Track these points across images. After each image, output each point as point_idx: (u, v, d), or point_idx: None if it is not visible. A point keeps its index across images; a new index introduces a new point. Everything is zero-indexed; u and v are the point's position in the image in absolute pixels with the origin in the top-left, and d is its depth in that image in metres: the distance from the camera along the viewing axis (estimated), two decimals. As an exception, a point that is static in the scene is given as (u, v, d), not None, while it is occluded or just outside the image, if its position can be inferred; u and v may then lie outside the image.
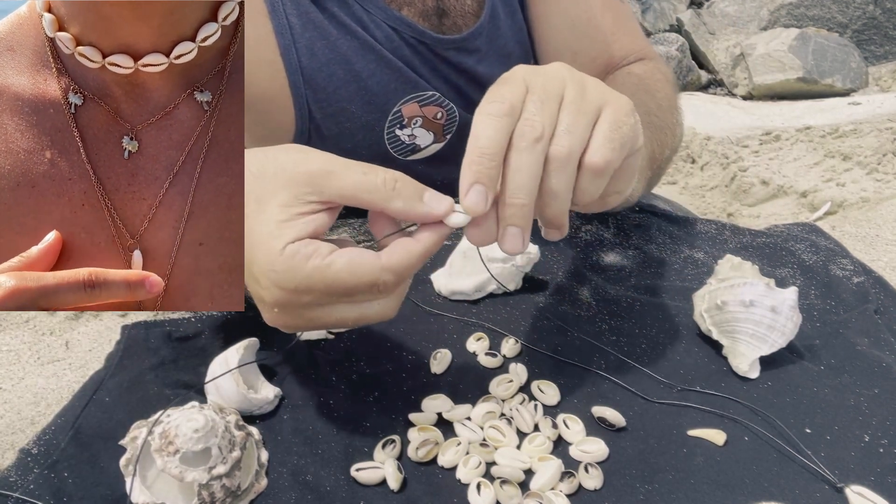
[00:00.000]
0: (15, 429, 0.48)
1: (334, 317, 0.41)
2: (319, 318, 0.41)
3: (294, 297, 0.39)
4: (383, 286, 0.40)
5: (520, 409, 0.46)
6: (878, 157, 1.16)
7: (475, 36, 0.76)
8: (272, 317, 0.42)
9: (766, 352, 0.50)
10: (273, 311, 0.41)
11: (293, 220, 0.40)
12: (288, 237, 0.39)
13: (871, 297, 0.59)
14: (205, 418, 0.39)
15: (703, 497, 0.41)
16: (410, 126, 0.77)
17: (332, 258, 0.39)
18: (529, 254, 0.59)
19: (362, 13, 0.70)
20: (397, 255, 0.40)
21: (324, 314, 0.41)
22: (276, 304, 0.40)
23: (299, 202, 0.40)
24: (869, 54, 2.85)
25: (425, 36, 0.73)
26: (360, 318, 0.42)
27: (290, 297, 0.39)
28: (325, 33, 0.69)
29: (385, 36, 0.72)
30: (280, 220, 0.40)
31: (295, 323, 0.42)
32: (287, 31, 0.68)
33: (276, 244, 0.39)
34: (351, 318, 0.41)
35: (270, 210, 0.40)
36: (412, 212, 0.41)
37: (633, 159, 0.44)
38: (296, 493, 0.41)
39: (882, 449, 0.44)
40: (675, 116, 0.73)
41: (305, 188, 0.40)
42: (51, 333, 0.58)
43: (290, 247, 0.39)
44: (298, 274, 0.39)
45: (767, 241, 0.68)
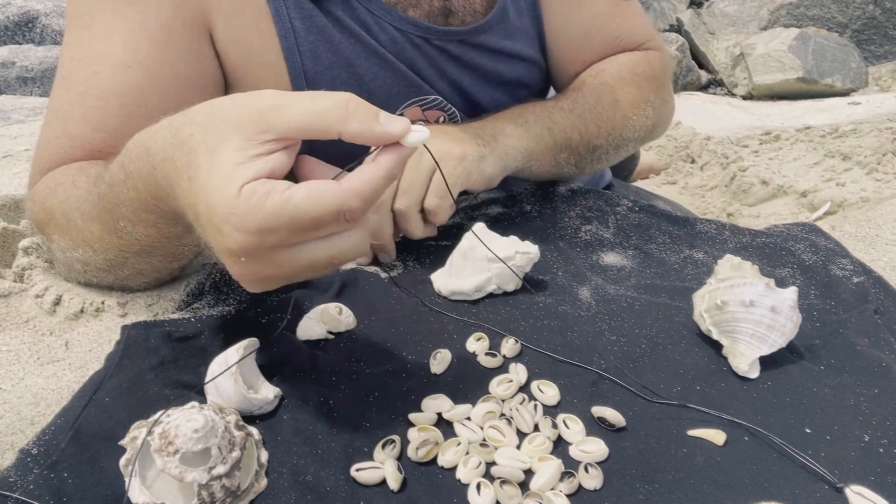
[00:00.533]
0: (15, 429, 0.48)
1: (305, 258, 0.40)
2: (289, 262, 0.40)
3: (258, 239, 0.38)
4: (350, 213, 0.39)
5: (520, 409, 0.46)
6: (878, 157, 1.15)
7: (483, 30, 0.76)
8: (241, 269, 0.40)
9: (766, 352, 0.50)
10: (241, 261, 0.39)
11: (249, 162, 0.38)
12: (244, 178, 0.38)
13: (871, 297, 0.59)
14: (205, 418, 0.39)
15: (703, 497, 0.40)
16: None
17: (291, 192, 0.38)
18: (529, 253, 0.59)
19: (367, 15, 0.70)
20: (358, 178, 0.39)
21: (293, 256, 0.40)
22: (242, 252, 0.39)
23: (253, 143, 0.39)
24: (869, 54, 2.85)
25: (430, 32, 0.73)
26: (333, 257, 0.41)
27: (255, 239, 0.38)
28: (329, 37, 0.69)
29: (389, 38, 0.71)
30: (235, 163, 0.38)
31: (266, 271, 0.40)
32: (290, 34, 0.68)
33: (232, 187, 0.38)
34: (323, 257, 0.40)
35: (225, 155, 0.39)
36: (369, 133, 0.39)
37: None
38: (296, 494, 0.41)
39: (882, 449, 0.43)
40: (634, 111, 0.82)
41: (257, 127, 0.39)
42: (50, 334, 0.58)
43: (247, 187, 0.38)
44: (259, 213, 0.37)
45: (767, 241, 0.68)
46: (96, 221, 0.55)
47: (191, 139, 0.41)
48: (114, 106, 0.63)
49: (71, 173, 0.61)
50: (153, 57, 0.63)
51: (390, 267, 0.66)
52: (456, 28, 0.75)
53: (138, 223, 0.52)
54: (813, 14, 2.92)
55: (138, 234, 0.53)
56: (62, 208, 0.58)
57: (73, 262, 0.60)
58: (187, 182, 0.41)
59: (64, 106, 0.64)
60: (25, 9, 3.22)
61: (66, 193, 0.59)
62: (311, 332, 0.54)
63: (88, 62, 0.63)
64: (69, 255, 0.60)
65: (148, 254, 0.57)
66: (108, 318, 0.60)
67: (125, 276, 0.61)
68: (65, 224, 0.58)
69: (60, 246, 0.60)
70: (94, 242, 0.57)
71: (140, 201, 0.49)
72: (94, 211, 0.55)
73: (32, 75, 2.99)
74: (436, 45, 0.74)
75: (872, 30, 2.88)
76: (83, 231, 0.57)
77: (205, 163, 0.39)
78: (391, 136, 0.40)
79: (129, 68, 0.63)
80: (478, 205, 0.80)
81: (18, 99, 2.37)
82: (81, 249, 0.58)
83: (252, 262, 0.40)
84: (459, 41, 0.75)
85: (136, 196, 0.49)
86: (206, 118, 0.41)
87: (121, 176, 0.50)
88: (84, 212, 0.56)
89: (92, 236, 0.56)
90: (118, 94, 0.63)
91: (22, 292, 0.63)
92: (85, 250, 0.58)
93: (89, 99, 0.63)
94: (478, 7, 0.76)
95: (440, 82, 0.76)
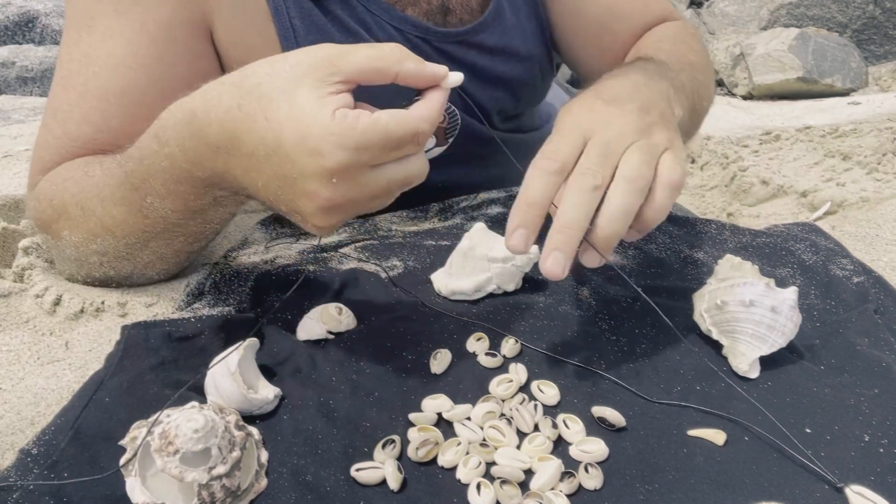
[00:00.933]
0: (15, 429, 0.48)
1: (385, 178, 0.44)
2: (374, 182, 0.44)
3: (355, 156, 0.42)
4: (422, 136, 0.44)
5: (520, 409, 0.46)
6: (878, 157, 1.15)
7: (479, 29, 0.76)
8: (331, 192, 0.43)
9: (766, 352, 0.50)
10: (332, 182, 0.42)
11: (328, 97, 0.43)
12: (334, 104, 0.42)
13: (871, 296, 0.59)
14: (205, 418, 0.39)
15: (703, 497, 0.40)
16: None
17: (378, 114, 0.43)
18: (529, 254, 0.59)
19: (366, 14, 0.70)
20: (424, 106, 0.45)
21: (377, 176, 0.44)
22: (339, 170, 0.42)
23: (325, 84, 0.43)
24: (869, 54, 2.85)
25: (429, 32, 0.73)
26: (406, 177, 0.45)
27: (352, 156, 0.42)
28: (328, 36, 0.69)
29: (388, 37, 0.71)
30: (318, 97, 0.43)
31: (352, 193, 0.43)
32: (290, 33, 0.68)
33: (326, 111, 0.42)
34: (399, 177, 0.45)
35: (304, 93, 0.43)
36: (422, 72, 0.45)
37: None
38: (296, 494, 0.41)
39: (882, 449, 0.43)
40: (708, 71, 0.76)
41: (326, 70, 0.43)
42: (51, 334, 0.58)
43: (339, 112, 0.42)
44: (356, 131, 0.42)
45: (767, 241, 0.68)
46: (120, 203, 0.56)
47: (259, 87, 0.44)
48: (115, 106, 0.63)
49: (79, 167, 0.61)
50: (154, 57, 0.63)
51: (390, 267, 0.66)
52: (454, 29, 0.75)
53: (167, 196, 0.53)
54: (813, 14, 2.92)
55: (165, 210, 0.54)
56: (76, 200, 0.59)
57: (90, 256, 0.60)
58: (264, 121, 0.43)
59: (64, 106, 0.64)
60: (25, 9, 3.22)
61: (80, 185, 0.59)
62: (311, 332, 0.54)
63: (88, 62, 0.63)
64: (83, 249, 0.60)
65: (171, 233, 0.58)
66: (108, 318, 0.60)
67: (145, 262, 0.61)
68: (80, 216, 0.58)
69: (73, 242, 0.60)
70: (115, 228, 0.57)
71: (174, 170, 0.50)
72: (117, 193, 0.56)
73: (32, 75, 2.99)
74: (434, 46, 0.74)
75: (872, 30, 2.88)
76: (103, 218, 0.57)
77: (284, 101, 0.43)
78: (438, 75, 0.46)
79: (130, 68, 0.63)
80: (478, 205, 0.80)
81: (18, 99, 2.37)
82: (100, 239, 0.58)
83: (343, 182, 0.43)
84: (458, 42, 0.75)
85: (169, 165, 0.50)
86: (271, 69, 0.45)
87: (154, 147, 0.51)
88: (104, 197, 0.57)
89: (114, 221, 0.57)
90: (119, 94, 0.63)
91: (22, 292, 0.63)
92: (104, 239, 0.58)
93: (90, 99, 0.63)
94: (474, 4, 0.76)
95: None
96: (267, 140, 0.44)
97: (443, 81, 0.46)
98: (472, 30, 0.75)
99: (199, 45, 0.66)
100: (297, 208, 0.45)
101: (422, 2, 0.73)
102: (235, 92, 0.45)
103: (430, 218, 0.81)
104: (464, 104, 0.79)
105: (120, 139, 0.63)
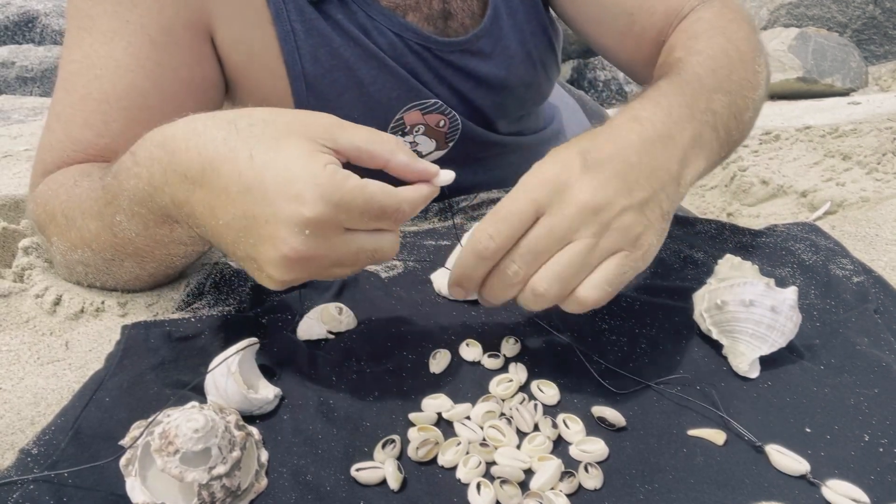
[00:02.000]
0: (15, 429, 0.48)
1: (355, 245, 0.44)
2: (343, 246, 0.43)
3: (335, 212, 0.41)
4: (401, 215, 0.45)
5: (520, 408, 0.46)
6: (877, 157, 1.15)
7: (479, 37, 0.75)
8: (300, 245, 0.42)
9: (766, 351, 0.50)
10: (304, 234, 0.41)
11: (320, 154, 0.43)
12: (325, 160, 0.42)
13: (871, 296, 0.59)
14: (205, 418, 0.39)
15: (703, 497, 0.41)
16: (413, 133, 0.77)
17: (367, 181, 0.43)
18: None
19: (366, 20, 0.70)
20: (411, 192, 0.45)
21: (348, 240, 0.44)
22: (315, 223, 0.41)
23: (318, 143, 0.43)
24: (869, 54, 2.85)
25: (430, 41, 0.73)
26: (374, 251, 0.45)
27: (332, 212, 0.41)
28: (329, 40, 0.69)
29: (389, 43, 0.71)
30: (309, 151, 0.42)
31: (320, 250, 0.42)
32: (291, 37, 0.68)
33: (317, 163, 0.42)
34: (369, 248, 0.45)
35: (294, 145, 0.43)
36: (412, 166, 0.46)
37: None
38: (296, 494, 0.41)
39: (882, 449, 0.43)
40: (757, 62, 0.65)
41: (322, 135, 0.44)
42: (51, 334, 0.58)
43: (330, 166, 0.42)
44: (342, 188, 0.41)
45: (767, 241, 0.68)
46: (95, 218, 0.55)
47: (251, 128, 0.44)
48: (116, 109, 0.63)
49: (72, 174, 0.61)
50: (155, 60, 0.63)
51: (390, 267, 0.66)
52: (454, 39, 0.74)
53: (132, 217, 0.52)
54: (813, 14, 2.93)
55: (131, 232, 0.53)
56: (63, 209, 0.58)
57: (75, 265, 0.60)
58: (248, 159, 0.42)
59: (66, 109, 0.64)
60: (25, 9, 3.23)
61: (68, 194, 0.59)
62: (311, 332, 0.54)
63: (90, 65, 0.63)
64: (69, 257, 0.60)
65: (141, 258, 0.57)
66: (108, 318, 0.60)
67: (124, 280, 0.61)
68: (64, 225, 0.58)
69: (60, 248, 0.60)
70: (91, 241, 0.57)
71: (137, 190, 0.49)
72: (94, 206, 0.55)
73: (32, 75, 2.99)
74: (434, 54, 0.74)
75: (872, 29, 2.88)
76: (81, 229, 0.57)
77: (273, 145, 0.43)
78: (429, 172, 0.47)
79: (131, 71, 0.63)
80: (478, 205, 0.80)
81: (18, 99, 2.37)
82: (80, 250, 0.58)
83: (314, 237, 0.42)
84: (460, 51, 0.75)
85: (135, 184, 0.49)
86: (269, 116, 0.45)
87: (128, 163, 0.50)
88: (84, 209, 0.56)
89: (90, 234, 0.56)
90: (120, 97, 0.63)
91: (22, 292, 0.63)
92: (84, 250, 0.58)
93: (91, 102, 0.63)
94: (475, 9, 0.75)
95: (440, 87, 0.76)
96: (245, 177, 0.42)
97: (434, 179, 0.47)
98: (472, 38, 0.75)
99: (200, 47, 0.66)
100: (256, 253, 0.43)
101: (423, 7, 0.72)
102: (225, 126, 0.44)
103: (430, 218, 0.81)
104: (465, 109, 0.79)
105: (121, 144, 0.63)
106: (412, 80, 0.73)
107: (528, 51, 0.80)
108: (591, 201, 0.45)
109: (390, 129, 0.75)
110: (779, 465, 0.42)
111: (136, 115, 0.63)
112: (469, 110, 0.79)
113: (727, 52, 0.62)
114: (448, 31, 0.74)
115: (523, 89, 0.81)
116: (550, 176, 0.46)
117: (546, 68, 0.84)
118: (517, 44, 0.79)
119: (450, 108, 0.77)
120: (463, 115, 0.78)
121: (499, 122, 0.83)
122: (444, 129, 0.78)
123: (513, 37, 0.78)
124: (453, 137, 0.80)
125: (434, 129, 0.77)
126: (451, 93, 0.77)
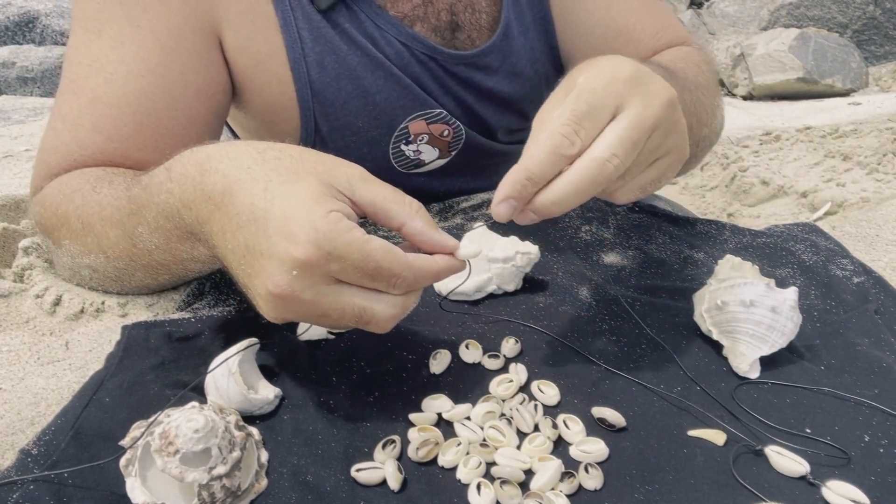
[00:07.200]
0: (15, 429, 0.48)
1: (343, 300, 0.42)
2: (330, 298, 0.42)
3: (326, 259, 0.40)
4: (401, 281, 0.42)
5: (520, 409, 0.46)
6: (878, 157, 1.15)
7: (487, 52, 0.75)
8: (286, 284, 0.41)
9: (766, 352, 0.50)
10: (292, 274, 0.40)
11: (331, 199, 0.42)
12: (333, 206, 0.41)
13: (871, 297, 0.59)
14: (205, 418, 0.39)
15: (703, 497, 0.41)
16: (416, 142, 0.77)
17: (371, 237, 0.41)
18: (529, 254, 0.59)
19: (374, 29, 0.70)
20: (422, 260, 0.44)
21: (336, 293, 0.42)
22: (304, 265, 0.40)
23: (333, 190, 0.42)
24: (869, 54, 2.85)
25: (437, 52, 0.73)
26: (363, 311, 0.43)
27: (323, 259, 0.40)
28: (336, 48, 0.69)
29: (395, 52, 0.71)
30: (320, 193, 0.41)
31: (305, 296, 0.41)
32: (298, 44, 0.68)
33: (322, 207, 0.41)
34: (357, 306, 0.42)
35: (308, 185, 0.42)
36: (427, 234, 0.44)
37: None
38: (296, 494, 0.41)
39: (882, 449, 0.44)
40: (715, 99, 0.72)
41: (342, 182, 0.43)
42: (51, 334, 0.58)
43: (335, 213, 0.41)
44: (340, 237, 0.40)
45: (767, 241, 0.68)
46: (116, 226, 0.55)
47: (279, 161, 0.44)
48: (126, 114, 0.63)
49: (88, 179, 0.60)
50: (164, 65, 0.63)
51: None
52: (461, 52, 0.74)
53: (155, 230, 0.52)
54: (813, 14, 2.93)
55: (151, 244, 0.53)
56: (78, 213, 0.58)
57: (82, 269, 0.60)
58: (262, 190, 0.42)
59: (73, 112, 0.63)
60: (25, 9, 3.23)
61: (85, 199, 0.58)
62: (311, 332, 0.54)
63: (99, 69, 0.63)
64: (78, 260, 0.59)
65: (155, 270, 0.57)
66: (108, 318, 0.60)
67: (130, 287, 0.61)
68: (80, 230, 0.58)
69: (70, 251, 0.60)
70: (108, 249, 0.57)
71: (166, 205, 0.49)
72: (116, 215, 0.55)
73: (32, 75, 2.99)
74: (441, 65, 0.74)
75: (873, 30, 2.88)
76: (100, 236, 0.57)
77: (288, 181, 0.42)
78: (449, 246, 0.45)
79: (141, 76, 0.63)
80: (478, 205, 0.80)
81: (18, 99, 2.37)
82: (94, 255, 0.58)
83: (301, 279, 0.41)
84: (466, 64, 0.75)
85: (165, 199, 0.49)
86: (297, 154, 0.44)
87: (161, 177, 0.50)
88: (104, 216, 0.56)
89: (108, 241, 0.56)
90: (130, 101, 0.63)
91: (22, 292, 0.63)
92: (97, 256, 0.58)
93: (100, 106, 0.63)
94: (483, 23, 0.75)
95: (445, 97, 0.76)
96: (255, 207, 0.42)
97: (456, 252, 0.45)
98: (480, 52, 0.75)
99: (209, 53, 0.66)
100: (251, 283, 0.43)
101: (430, 18, 0.72)
102: (254, 155, 0.44)
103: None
104: (469, 120, 0.79)
105: (129, 148, 0.63)
106: (418, 90, 0.73)
107: (536, 69, 0.80)
108: (672, 97, 0.46)
109: (395, 138, 0.75)
110: (779, 465, 0.42)
111: (146, 120, 0.63)
112: (473, 121, 0.79)
113: (698, 77, 0.68)
114: (455, 44, 0.74)
115: (527, 104, 0.82)
116: (628, 73, 0.45)
117: (550, 86, 0.84)
118: (526, 62, 0.79)
119: (454, 119, 0.77)
120: (466, 125, 0.78)
121: (501, 133, 0.84)
122: (447, 139, 0.78)
123: (522, 54, 0.78)
124: (456, 146, 0.80)
125: (438, 138, 0.77)
126: (456, 104, 0.77)
